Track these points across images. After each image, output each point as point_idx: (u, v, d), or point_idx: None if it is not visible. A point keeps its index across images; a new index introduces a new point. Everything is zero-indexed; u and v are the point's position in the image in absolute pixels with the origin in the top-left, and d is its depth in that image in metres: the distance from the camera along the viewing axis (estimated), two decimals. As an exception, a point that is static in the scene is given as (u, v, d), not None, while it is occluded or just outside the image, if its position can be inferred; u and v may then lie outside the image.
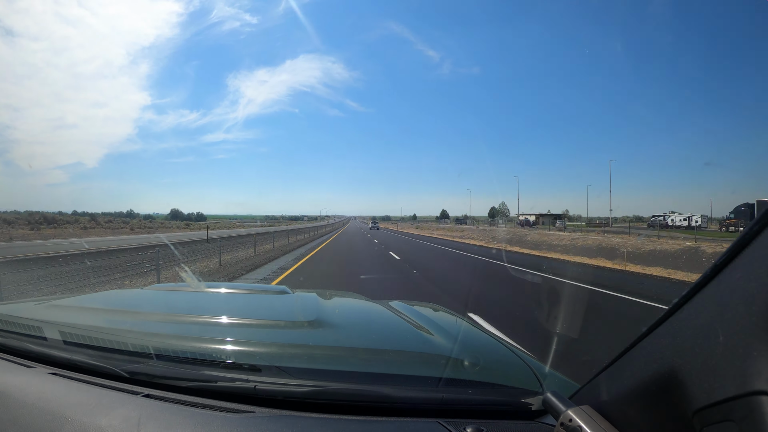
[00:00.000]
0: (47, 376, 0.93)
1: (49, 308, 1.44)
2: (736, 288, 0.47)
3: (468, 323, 1.44)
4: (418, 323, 1.32)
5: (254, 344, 1.07)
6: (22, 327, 1.14)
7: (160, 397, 0.85)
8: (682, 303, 0.56)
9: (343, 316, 1.49)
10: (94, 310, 1.46)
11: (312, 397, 0.83)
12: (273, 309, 1.56)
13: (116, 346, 1.02)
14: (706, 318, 0.51)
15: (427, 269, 10.97)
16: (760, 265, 0.45)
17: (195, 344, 1.03)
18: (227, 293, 1.89)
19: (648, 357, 0.60)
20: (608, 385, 0.69)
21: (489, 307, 5.94)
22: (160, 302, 1.72)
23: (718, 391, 0.45)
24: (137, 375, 0.93)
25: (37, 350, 1.05)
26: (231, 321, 1.30)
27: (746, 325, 0.44)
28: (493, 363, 1.10)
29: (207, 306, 1.66)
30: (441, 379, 0.89)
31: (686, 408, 0.50)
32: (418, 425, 0.78)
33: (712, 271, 0.52)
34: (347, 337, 1.19)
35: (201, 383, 0.88)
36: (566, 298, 6.96)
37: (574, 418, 0.67)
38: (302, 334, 1.20)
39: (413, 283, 8.52)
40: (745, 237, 0.48)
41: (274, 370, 0.89)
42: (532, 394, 0.85)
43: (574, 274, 10.24)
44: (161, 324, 1.31)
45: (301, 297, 1.75)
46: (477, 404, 0.86)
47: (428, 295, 6.76)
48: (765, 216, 0.46)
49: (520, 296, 7.25)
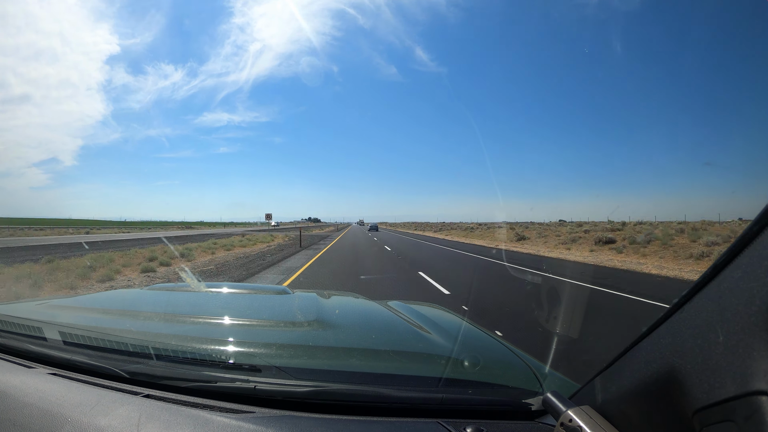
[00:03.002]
0: (47, 377, 0.93)
1: (49, 308, 1.44)
2: (736, 288, 0.47)
3: (468, 323, 1.44)
4: (418, 323, 1.32)
5: (254, 344, 1.08)
6: (22, 327, 1.15)
7: (160, 398, 0.85)
8: (682, 303, 0.56)
9: (342, 316, 1.50)
10: (94, 311, 1.47)
11: (312, 398, 0.83)
12: (273, 309, 1.57)
13: (116, 346, 1.02)
14: (706, 318, 0.51)
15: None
16: (760, 265, 0.45)
17: (195, 344, 1.03)
18: (227, 293, 1.90)
19: (648, 357, 0.60)
20: (608, 385, 0.69)
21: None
22: (160, 302, 1.72)
23: (718, 391, 0.45)
24: (137, 375, 0.93)
25: (37, 350, 1.05)
26: (231, 321, 1.30)
27: (746, 324, 0.44)
28: (493, 363, 1.10)
29: (207, 306, 1.67)
30: (441, 379, 0.89)
31: (686, 408, 0.50)
32: (418, 425, 0.78)
33: (712, 270, 0.52)
34: (347, 337, 1.19)
35: (201, 383, 0.89)
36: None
37: (574, 418, 0.67)
38: (302, 334, 1.21)
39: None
40: (745, 237, 0.48)
41: (274, 371, 0.89)
42: (532, 394, 0.85)
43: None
44: (161, 324, 1.31)
45: (300, 297, 1.76)
46: (477, 404, 0.87)
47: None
48: (765, 216, 0.46)
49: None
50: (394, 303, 1.64)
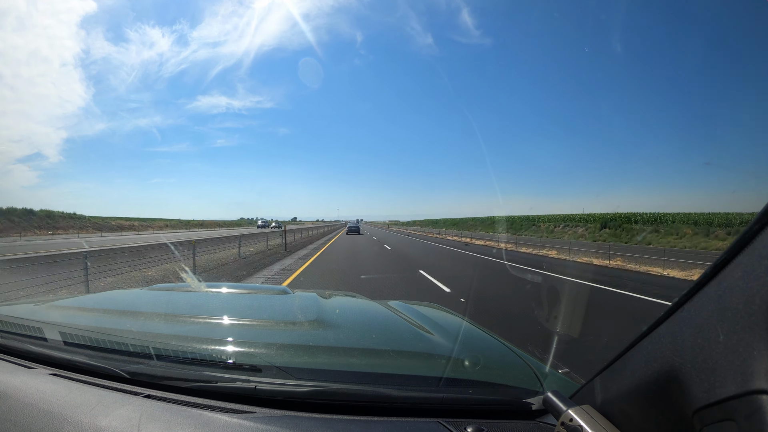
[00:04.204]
0: (47, 377, 0.93)
1: (50, 309, 1.44)
2: (736, 287, 0.47)
3: (468, 323, 1.44)
4: (418, 323, 1.32)
5: (254, 344, 1.07)
6: (23, 328, 1.15)
7: (161, 398, 0.85)
8: (682, 302, 0.56)
9: (343, 316, 1.50)
10: (94, 311, 1.47)
11: (312, 397, 0.83)
12: (273, 309, 1.57)
13: (116, 346, 1.02)
14: (707, 317, 0.51)
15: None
16: (760, 265, 0.45)
17: (195, 345, 1.03)
18: (227, 293, 1.90)
19: (648, 356, 0.60)
20: (609, 384, 0.69)
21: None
22: (160, 303, 1.72)
23: (718, 390, 0.45)
24: (138, 375, 0.93)
25: (38, 351, 1.05)
26: (231, 321, 1.30)
27: (746, 324, 0.44)
28: (493, 362, 1.10)
29: (207, 306, 1.67)
30: (441, 378, 0.89)
31: (686, 407, 0.50)
32: (419, 425, 0.78)
33: (712, 270, 0.52)
34: (347, 337, 1.19)
35: (201, 384, 0.88)
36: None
37: (574, 417, 0.67)
38: (302, 334, 1.21)
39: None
40: (745, 236, 0.48)
41: (275, 371, 0.89)
42: (533, 394, 0.85)
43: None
44: (161, 324, 1.31)
45: (300, 297, 1.76)
46: (477, 404, 0.87)
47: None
48: (765, 216, 0.46)
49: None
50: (394, 303, 1.64)
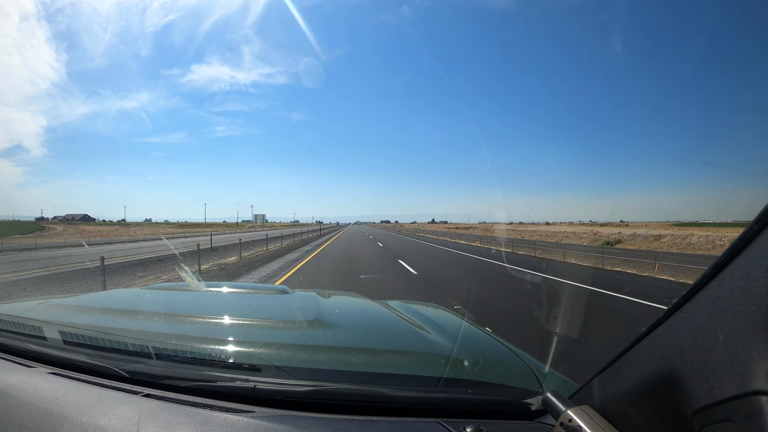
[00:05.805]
0: (47, 376, 0.93)
1: (49, 308, 1.44)
2: (735, 288, 0.47)
3: (468, 323, 1.44)
4: (418, 323, 1.32)
5: (254, 344, 1.07)
6: (22, 327, 1.15)
7: (160, 397, 0.85)
8: (682, 303, 0.56)
9: (342, 315, 1.50)
10: (94, 310, 1.47)
11: (312, 397, 0.83)
12: (273, 309, 1.57)
13: (116, 345, 1.02)
14: (706, 318, 0.51)
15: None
16: (759, 265, 0.45)
17: (195, 344, 1.03)
18: (227, 293, 1.90)
19: (648, 357, 0.60)
20: (608, 385, 0.69)
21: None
22: (160, 302, 1.72)
23: (717, 391, 0.45)
24: (137, 375, 0.93)
25: (37, 350, 1.06)
26: (231, 321, 1.30)
27: (746, 325, 0.44)
28: (492, 363, 1.10)
29: (207, 306, 1.67)
30: (441, 378, 0.89)
31: (686, 408, 0.50)
32: (418, 425, 0.78)
33: (712, 270, 0.52)
34: (347, 337, 1.19)
35: (201, 383, 0.89)
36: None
37: (573, 418, 0.67)
38: (302, 334, 1.21)
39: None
40: (745, 237, 0.48)
41: (274, 370, 0.90)
42: (532, 394, 0.86)
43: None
44: (161, 324, 1.31)
45: (300, 297, 1.76)
46: (477, 404, 0.87)
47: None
48: (765, 216, 0.46)
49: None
50: (393, 302, 1.64)
